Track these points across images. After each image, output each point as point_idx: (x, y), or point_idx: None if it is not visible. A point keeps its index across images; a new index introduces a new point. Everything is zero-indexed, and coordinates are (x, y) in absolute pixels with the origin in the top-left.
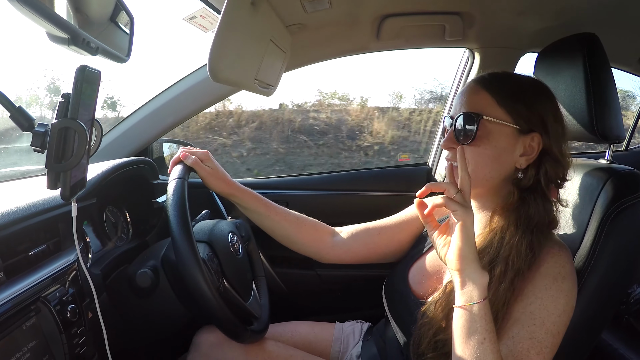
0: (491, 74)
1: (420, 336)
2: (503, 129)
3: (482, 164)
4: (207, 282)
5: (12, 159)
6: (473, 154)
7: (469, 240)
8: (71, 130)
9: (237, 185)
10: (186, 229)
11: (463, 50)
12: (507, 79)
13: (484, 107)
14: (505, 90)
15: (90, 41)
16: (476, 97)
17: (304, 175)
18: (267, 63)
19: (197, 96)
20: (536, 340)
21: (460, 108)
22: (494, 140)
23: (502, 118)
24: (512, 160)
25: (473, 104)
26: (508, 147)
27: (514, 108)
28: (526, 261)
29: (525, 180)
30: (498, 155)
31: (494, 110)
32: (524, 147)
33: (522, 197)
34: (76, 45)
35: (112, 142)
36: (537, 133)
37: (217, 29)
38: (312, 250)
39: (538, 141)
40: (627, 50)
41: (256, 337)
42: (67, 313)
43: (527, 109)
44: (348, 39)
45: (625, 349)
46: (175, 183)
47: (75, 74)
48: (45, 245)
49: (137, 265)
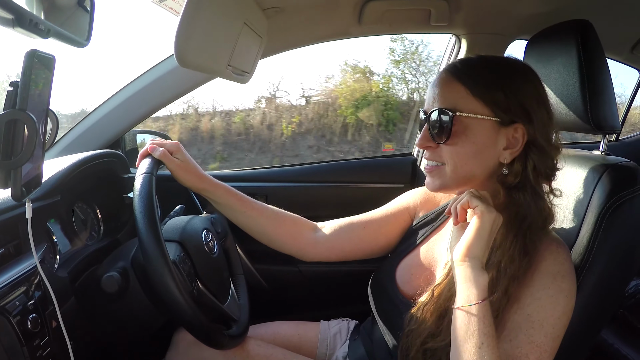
0: (463, 60)
1: (409, 344)
2: (481, 123)
3: (461, 163)
4: (178, 286)
5: None
6: (451, 153)
7: (481, 236)
8: (20, 123)
9: (209, 179)
10: (154, 228)
11: (448, 36)
12: (482, 64)
13: (457, 100)
14: (480, 79)
15: (39, 22)
16: (448, 89)
17: (284, 167)
18: (241, 48)
19: (170, 84)
20: (535, 345)
21: (433, 102)
22: (472, 136)
23: (478, 111)
24: (495, 155)
25: (445, 98)
26: (489, 142)
27: (491, 98)
28: (521, 266)
29: (512, 177)
30: (478, 151)
31: (469, 103)
32: (507, 139)
33: (511, 196)
34: (22, 27)
35: (81, 134)
36: (520, 123)
37: (184, 9)
38: (293, 248)
39: (522, 132)
40: (618, 39)
41: (235, 341)
42: (27, 323)
43: (505, 96)
44: (328, 23)
45: (620, 343)
46: (142, 179)
47: (23, 60)
48: (4, 248)
49: (106, 267)
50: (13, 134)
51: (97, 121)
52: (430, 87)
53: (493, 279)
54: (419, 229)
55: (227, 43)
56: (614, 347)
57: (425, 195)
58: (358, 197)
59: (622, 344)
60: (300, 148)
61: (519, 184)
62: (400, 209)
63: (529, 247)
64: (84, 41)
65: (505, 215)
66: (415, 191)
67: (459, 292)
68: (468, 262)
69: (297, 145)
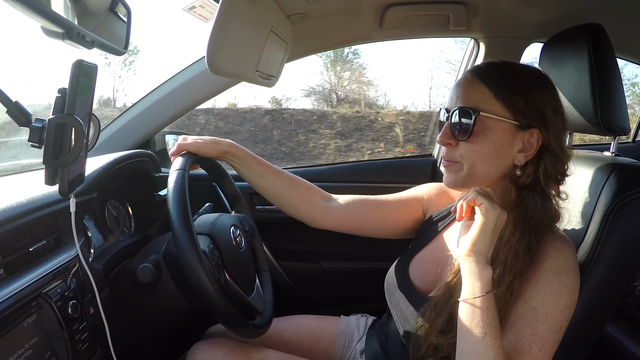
0: (488, 63)
1: (420, 340)
2: (501, 125)
3: (479, 161)
4: (207, 273)
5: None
6: (470, 151)
7: (485, 231)
8: (68, 126)
9: (228, 142)
10: (186, 220)
11: (468, 39)
12: (505, 69)
13: (480, 101)
14: (503, 82)
15: (85, 35)
16: (472, 90)
17: (308, 167)
18: (268, 54)
19: (198, 87)
20: (538, 336)
21: (456, 101)
22: (492, 136)
23: (499, 113)
24: (510, 156)
25: (469, 98)
26: (506, 143)
27: (512, 101)
28: (525, 262)
29: (524, 178)
30: (495, 151)
31: (491, 105)
32: (523, 143)
33: (521, 196)
34: (71, 40)
35: (113, 134)
36: (536, 129)
37: (215, 20)
38: (304, 213)
39: (537, 137)
40: (633, 40)
41: (258, 331)
42: (68, 309)
43: (525, 102)
44: (351, 28)
45: (630, 342)
46: (175, 174)
47: (71, 69)
48: (45, 240)
49: (139, 259)
50: (61, 135)
51: (129, 122)
52: (454, 87)
53: (500, 274)
54: (432, 225)
55: (255, 50)
56: (623, 345)
57: (440, 192)
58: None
59: (631, 342)
60: None
61: (530, 185)
62: (414, 198)
63: (533, 245)
64: (122, 49)
65: (515, 214)
66: (431, 185)
67: (464, 285)
68: (473, 257)
69: None
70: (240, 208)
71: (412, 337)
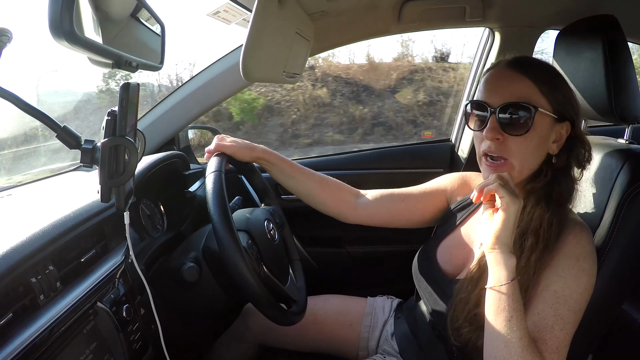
0: (523, 58)
1: (457, 312)
2: (545, 119)
3: (529, 154)
4: (249, 269)
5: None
6: (520, 145)
7: (507, 225)
8: (121, 147)
9: (262, 148)
10: (227, 220)
11: (482, 29)
12: (540, 64)
13: (530, 95)
14: (545, 78)
15: (131, 61)
16: (520, 85)
17: (328, 156)
18: (294, 54)
19: (222, 85)
20: (560, 317)
21: (502, 96)
22: (539, 130)
23: (547, 108)
24: (547, 147)
25: (519, 93)
26: (546, 136)
27: (554, 97)
28: (554, 234)
29: (560, 163)
30: (539, 144)
31: (540, 100)
32: (557, 134)
33: (554, 176)
34: (119, 68)
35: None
36: (569, 121)
37: (249, 32)
38: (335, 210)
39: (567, 128)
40: None
41: (295, 318)
42: (122, 312)
43: (563, 97)
44: (370, 23)
45: None
46: (213, 177)
47: (120, 92)
48: (94, 249)
49: (179, 257)
50: (115, 156)
51: (155, 120)
52: (491, 80)
53: (533, 243)
54: (457, 212)
55: (283, 53)
56: (638, 322)
57: (462, 180)
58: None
59: None
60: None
61: (562, 168)
62: (438, 189)
63: (561, 219)
64: (159, 64)
65: (547, 191)
66: (453, 175)
67: (491, 274)
68: (498, 249)
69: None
70: (270, 201)
71: (443, 317)
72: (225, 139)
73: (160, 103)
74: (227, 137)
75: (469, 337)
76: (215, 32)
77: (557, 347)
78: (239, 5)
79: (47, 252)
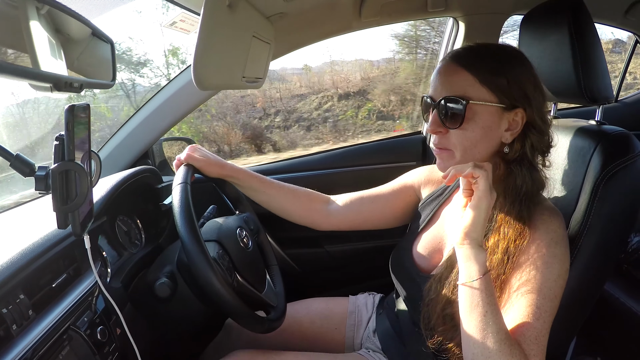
0: (466, 48)
1: (429, 312)
2: (488, 109)
3: (470, 147)
4: (220, 280)
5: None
6: (461, 137)
7: (478, 220)
8: (71, 172)
9: (230, 165)
10: (194, 232)
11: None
12: (484, 53)
13: (466, 88)
14: (485, 66)
15: (72, 82)
16: (457, 78)
17: (300, 157)
18: (253, 58)
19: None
20: (535, 307)
21: (441, 90)
22: (480, 120)
23: (486, 98)
24: (497, 136)
25: (455, 86)
26: (494, 125)
27: (496, 85)
28: (516, 230)
29: (512, 153)
30: (485, 134)
31: (477, 91)
32: (509, 122)
33: (509, 169)
34: (60, 91)
35: (113, 151)
36: (521, 108)
37: (197, 39)
38: (308, 220)
39: (521, 115)
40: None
41: (274, 324)
42: (97, 335)
43: (508, 83)
44: (331, 21)
45: (626, 297)
46: (179, 189)
47: (65, 116)
48: (65, 273)
49: (154, 272)
50: (66, 181)
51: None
52: (436, 75)
53: (495, 242)
54: (428, 205)
55: (240, 58)
56: (620, 301)
57: (429, 174)
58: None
59: (627, 297)
60: None
61: (517, 158)
62: (406, 185)
63: (524, 213)
64: (110, 82)
65: (504, 185)
66: (419, 170)
67: (462, 270)
68: (467, 244)
69: None
70: (244, 207)
71: (420, 314)
72: (197, 150)
73: (130, 119)
74: (199, 149)
75: (442, 336)
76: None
77: (536, 337)
78: (195, 13)
79: (16, 281)
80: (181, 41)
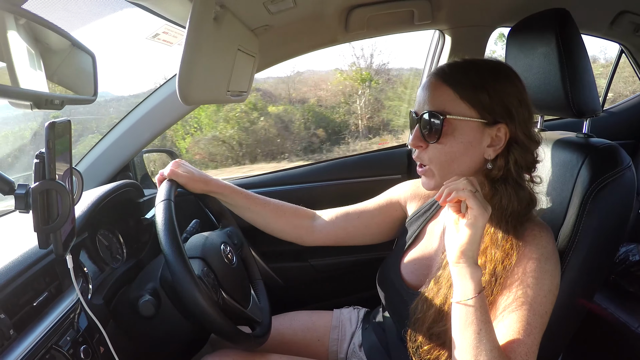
0: (450, 64)
1: (416, 330)
2: (468, 124)
3: (449, 161)
4: (205, 299)
5: None
6: (440, 152)
7: (474, 238)
8: (52, 191)
9: (214, 181)
10: (179, 251)
11: (433, 31)
12: (468, 68)
13: (446, 103)
14: (467, 82)
15: (53, 99)
16: (438, 93)
17: (287, 170)
18: (238, 72)
19: (173, 106)
20: (525, 322)
21: (424, 105)
22: (460, 136)
23: (466, 113)
24: (479, 152)
25: (435, 101)
26: (474, 141)
27: (477, 100)
28: (504, 251)
29: (495, 171)
30: (465, 150)
31: (457, 106)
32: (491, 138)
33: (494, 188)
34: (40, 108)
35: (94, 163)
36: (503, 123)
37: (183, 53)
38: (294, 236)
39: (504, 131)
40: (598, 16)
41: (259, 340)
42: (80, 355)
43: (489, 98)
44: (316, 33)
45: (615, 308)
46: (162, 206)
47: (45, 133)
48: (47, 291)
49: (137, 289)
50: (47, 201)
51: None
52: (420, 90)
53: (482, 263)
54: (415, 221)
55: (225, 72)
56: (608, 311)
57: (414, 189)
58: (359, 190)
59: (616, 307)
60: None
61: (502, 177)
62: (392, 201)
63: (511, 233)
64: (92, 97)
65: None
66: (405, 184)
67: (457, 288)
68: (463, 263)
69: None
70: (227, 221)
71: (407, 330)
72: (181, 166)
73: (111, 131)
74: (183, 164)
75: (429, 355)
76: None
77: (526, 353)
78: (178, 25)
79: None
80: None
